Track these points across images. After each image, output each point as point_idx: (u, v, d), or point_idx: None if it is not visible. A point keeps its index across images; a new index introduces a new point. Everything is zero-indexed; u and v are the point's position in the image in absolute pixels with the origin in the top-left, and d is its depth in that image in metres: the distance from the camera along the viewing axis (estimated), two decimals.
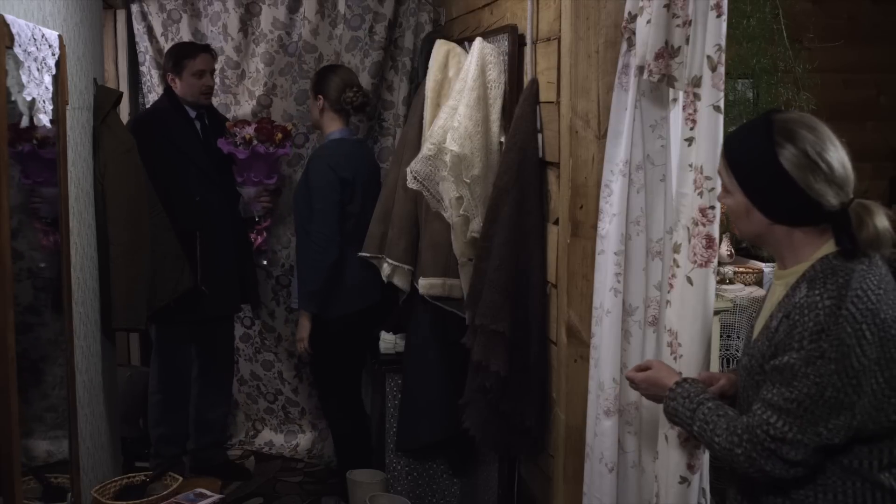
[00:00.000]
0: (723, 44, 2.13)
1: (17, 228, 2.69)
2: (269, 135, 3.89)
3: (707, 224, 2.14)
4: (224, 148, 3.90)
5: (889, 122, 4.56)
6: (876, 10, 4.58)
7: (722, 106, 2.15)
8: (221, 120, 4.15)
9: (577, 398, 2.60)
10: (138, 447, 4.12)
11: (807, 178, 1.68)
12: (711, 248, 2.15)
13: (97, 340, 3.17)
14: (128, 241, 3.18)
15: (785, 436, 1.66)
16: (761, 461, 1.69)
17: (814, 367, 1.62)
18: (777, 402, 1.67)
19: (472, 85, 3.00)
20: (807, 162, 1.69)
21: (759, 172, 1.73)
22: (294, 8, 4.27)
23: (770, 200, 1.74)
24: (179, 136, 3.97)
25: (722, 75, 2.15)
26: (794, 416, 1.65)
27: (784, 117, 1.77)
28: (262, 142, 3.88)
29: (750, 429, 1.71)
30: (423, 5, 4.31)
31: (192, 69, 3.92)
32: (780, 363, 1.67)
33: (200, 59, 3.94)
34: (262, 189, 4.01)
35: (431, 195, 3.08)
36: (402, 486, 3.73)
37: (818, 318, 1.63)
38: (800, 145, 1.70)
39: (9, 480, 2.15)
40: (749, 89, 3.25)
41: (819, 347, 1.62)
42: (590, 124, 2.54)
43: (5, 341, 2.13)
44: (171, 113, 3.98)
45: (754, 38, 3.04)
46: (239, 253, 4.10)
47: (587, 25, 2.51)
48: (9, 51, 2.16)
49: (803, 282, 1.71)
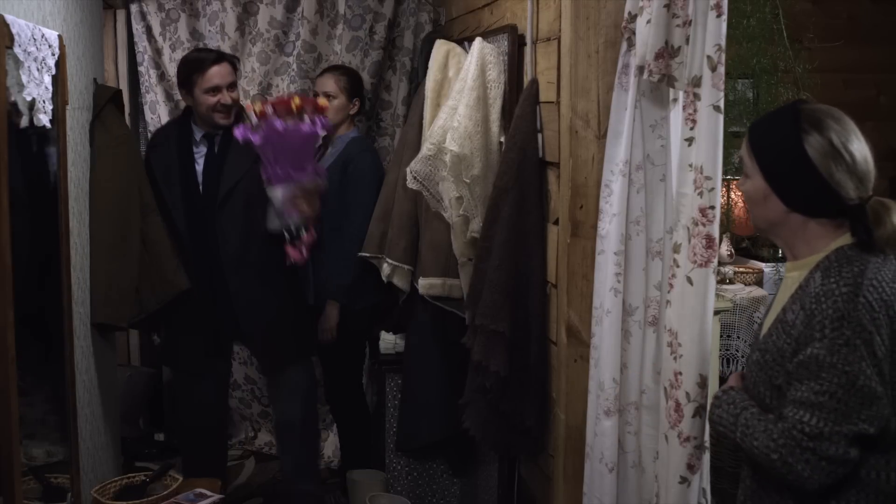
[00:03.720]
0: (723, 44, 2.13)
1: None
2: (286, 106, 3.11)
3: (707, 224, 2.13)
4: (239, 135, 3.21)
5: (889, 123, 4.55)
6: (876, 10, 4.58)
7: (722, 106, 2.15)
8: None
9: (577, 398, 2.60)
10: (138, 447, 4.12)
11: (829, 167, 1.68)
12: (711, 248, 2.14)
13: (97, 340, 3.17)
14: (110, 237, 3.14)
15: (822, 431, 1.60)
16: (799, 466, 1.62)
17: (839, 355, 1.59)
18: (808, 398, 1.62)
19: (472, 85, 3.00)
20: (831, 150, 1.68)
21: (781, 157, 1.73)
22: (292, 7, 4.27)
23: (789, 187, 1.72)
24: (160, 160, 3.50)
25: (722, 75, 2.14)
26: (828, 410, 1.60)
27: (812, 107, 1.77)
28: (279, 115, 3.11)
29: (785, 432, 1.64)
30: (423, 5, 4.31)
31: (203, 85, 3.38)
32: (804, 357, 1.63)
33: (213, 72, 3.39)
34: (295, 187, 3.19)
35: (431, 195, 3.08)
36: (402, 486, 3.73)
37: (836, 305, 1.61)
38: (826, 134, 1.70)
39: (9, 480, 2.15)
40: (749, 89, 3.25)
41: (842, 335, 1.59)
42: (590, 124, 2.54)
43: (5, 341, 2.13)
44: (170, 131, 3.60)
45: (754, 38, 3.04)
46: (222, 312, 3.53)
47: (587, 25, 2.51)
48: (9, 51, 2.16)
49: (817, 271, 1.69)
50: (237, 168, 3.44)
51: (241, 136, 3.20)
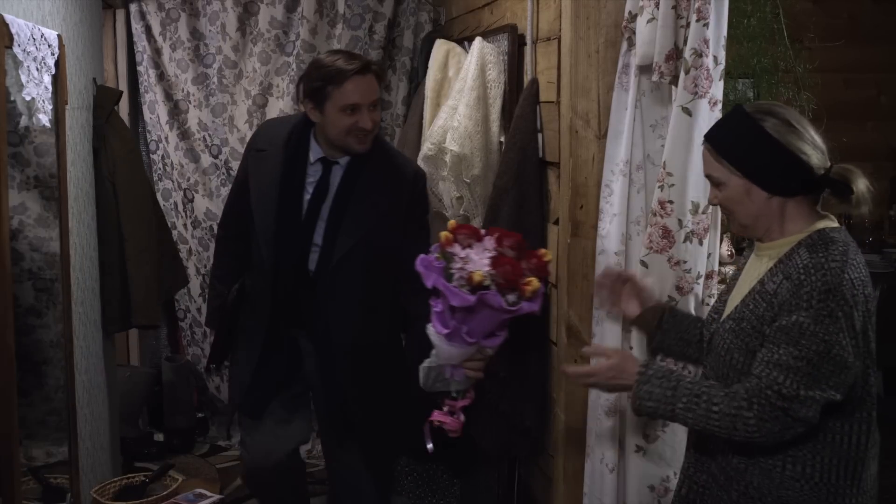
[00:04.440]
0: (701, 48, 2.17)
1: (18, 229, 2.69)
2: (512, 280, 2.18)
3: (665, 216, 2.30)
4: (428, 277, 2.19)
5: (889, 122, 4.56)
6: (876, 10, 4.58)
7: (692, 109, 2.23)
8: (386, 172, 2.69)
9: (577, 398, 2.60)
10: (138, 447, 4.12)
11: (793, 142, 1.78)
12: (667, 239, 2.30)
13: (97, 341, 3.17)
14: (142, 239, 3.22)
15: (797, 393, 1.70)
16: (770, 423, 1.73)
17: (822, 325, 1.69)
18: (785, 361, 1.71)
19: (472, 84, 3.00)
20: (789, 127, 1.79)
21: (750, 148, 1.81)
22: (292, 7, 4.26)
23: (765, 172, 1.80)
24: (262, 170, 2.72)
25: (697, 79, 2.19)
26: (804, 374, 1.70)
27: (754, 103, 1.90)
28: (501, 290, 2.18)
29: (758, 391, 1.74)
30: (423, 5, 4.30)
31: (339, 101, 2.56)
32: (787, 323, 1.72)
33: (353, 85, 2.56)
34: (477, 351, 2.33)
35: (432, 195, 3.08)
36: (402, 486, 3.73)
37: (826, 279, 1.70)
38: (779, 115, 1.81)
39: (8, 481, 2.15)
40: (749, 89, 3.24)
41: (827, 307, 1.69)
42: (590, 124, 2.54)
43: (5, 341, 2.13)
44: (280, 136, 2.73)
45: (755, 38, 3.03)
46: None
47: (587, 25, 2.51)
48: (8, 50, 2.16)
49: (801, 248, 1.78)
50: (364, 216, 2.64)
51: (431, 283, 2.19)
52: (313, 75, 2.61)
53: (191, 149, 4.35)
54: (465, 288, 2.16)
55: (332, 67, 2.58)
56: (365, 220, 2.63)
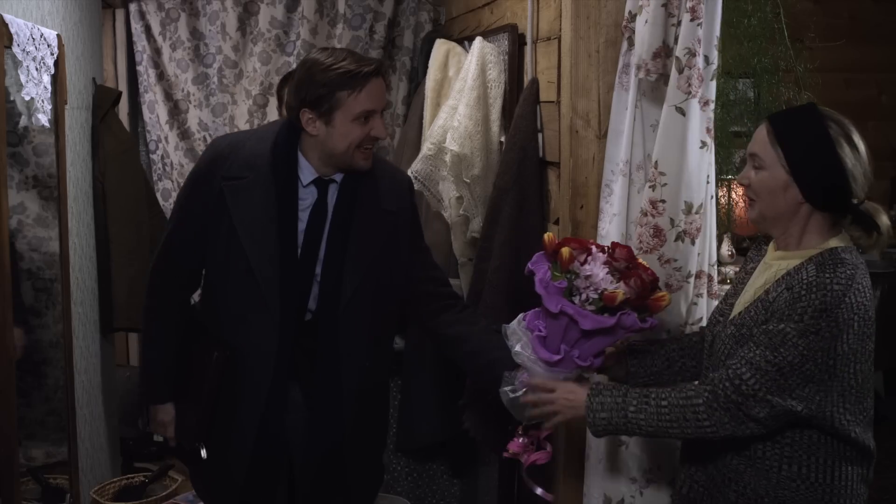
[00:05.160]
0: (695, 47, 2.16)
1: (17, 229, 2.69)
2: (645, 295, 1.99)
3: (656, 216, 2.27)
4: (550, 301, 1.99)
5: (890, 122, 4.55)
6: (877, 10, 4.57)
7: (685, 109, 2.21)
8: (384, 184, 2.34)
9: None
10: (138, 447, 4.12)
11: (849, 162, 1.79)
12: (658, 238, 2.28)
13: (96, 341, 3.17)
14: (128, 241, 3.19)
15: (756, 393, 1.74)
16: (719, 412, 1.76)
17: (805, 340, 1.71)
18: (758, 361, 1.74)
19: (472, 84, 2.99)
20: (852, 148, 1.80)
21: (809, 148, 1.80)
22: (292, 7, 4.26)
23: (813, 179, 1.80)
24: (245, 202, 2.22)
25: (690, 78, 2.18)
26: (769, 378, 1.73)
27: (828, 110, 1.87)
28: (636, 308, 1.99)
29: (719, 381, 1.77)
30: (423, 4, 4.30)
31: (353, 109, 2.17)
32: (773, 328, 1.75)
33: (369, 90, 2.18)
34: (574, 373, 2.06)
35: (431, 195, 3.07)
36: (402, 487, 3.72)
37: (825, 298, 1.71)
38: (848, 132, 1.81)
39: (8, 481, 2.14)
40: (750, 89, 3.24)
41: (817, 324, 1.71)
42: (590, 124, 2.54)
43: (5, 341, 2.13)
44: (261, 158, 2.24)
45: (755, 38, 3.02)
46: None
47: (587, 25, 2.50)
48: (7, 50, 2.16)
49: (810, 264, 1.78)
50: (371, 240, 2.29)
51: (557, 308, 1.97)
52: (316, 80, 2.16)
53: (191, 149, 4.35)
54: (593, 308, 1.94)
55: (341, 70, 2.15)
56: (372, 243, 2.28)
